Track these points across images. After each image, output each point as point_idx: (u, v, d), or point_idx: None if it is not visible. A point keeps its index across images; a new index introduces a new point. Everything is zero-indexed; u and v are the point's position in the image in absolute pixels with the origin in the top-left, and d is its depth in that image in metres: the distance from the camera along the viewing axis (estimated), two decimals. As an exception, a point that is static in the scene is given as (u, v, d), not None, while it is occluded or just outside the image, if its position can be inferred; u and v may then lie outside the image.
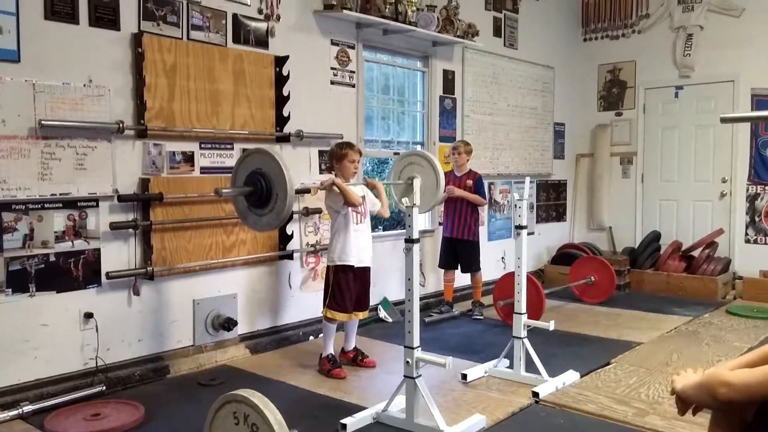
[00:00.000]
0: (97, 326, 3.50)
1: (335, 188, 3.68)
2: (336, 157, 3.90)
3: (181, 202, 3.89)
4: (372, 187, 3.94)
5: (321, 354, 3.91)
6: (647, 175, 7.25)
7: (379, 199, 3.96)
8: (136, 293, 3.71)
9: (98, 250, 3.53)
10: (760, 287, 6.04)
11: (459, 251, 5.36)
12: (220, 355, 4.11)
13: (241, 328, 4.27)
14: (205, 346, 4.08)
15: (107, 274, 3.54)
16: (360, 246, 3.87)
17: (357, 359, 4.02)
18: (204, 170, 4.04)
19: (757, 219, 6.50)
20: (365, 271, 3.95)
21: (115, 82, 3.59)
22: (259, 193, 2.85)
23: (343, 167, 3.88)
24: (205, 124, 4.00)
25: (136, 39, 3.65)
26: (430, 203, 3.68)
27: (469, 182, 5.28)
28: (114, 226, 3.56)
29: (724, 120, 2.44)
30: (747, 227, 6.57)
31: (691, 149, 6.92)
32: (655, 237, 6.90)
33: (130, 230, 3.67)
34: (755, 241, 6.52)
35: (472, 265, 5.40)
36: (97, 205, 3.52)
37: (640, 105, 7.24)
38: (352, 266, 3.85)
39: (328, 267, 3.93)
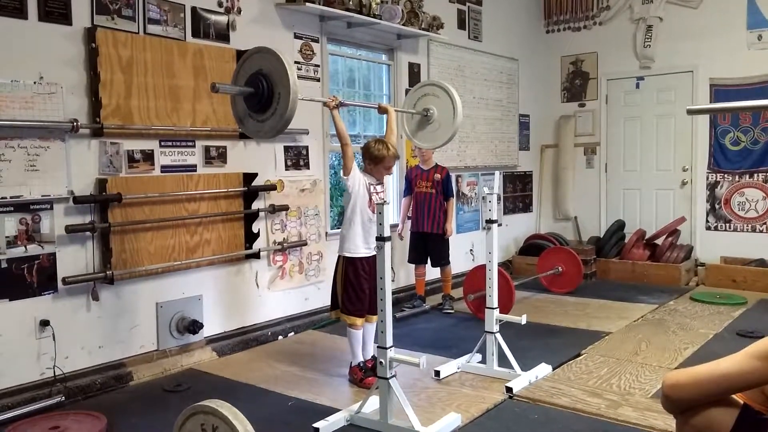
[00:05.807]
0: (54, 334, 3.35)
1: (336, 118, 3.40)
2: (372, 158, 3.56)
3: (142, 202, 3.74)
4: (383, 112, 3.77)
5: (351, 363, 3.65)
6: (610, 165, 7.33)
7: (388, 127, 3.70)
8: (95, 298, 3.56)
9: (53, 254, 3.38)
10: (722, 273, 6.17)
11: (428, 245, 5.32)
12: (186, 359, 3.99)
13: (207, 331, 4.15)
14: (170, 350, 3.95)
15: (64, 279, 3.39)
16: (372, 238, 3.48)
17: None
18: (165, 169, 3.90)
19: (717, 206, 6.63)
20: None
21: (68, 79, 3.42)
22: (260, 94, 2.74)
23: (376, 171, 3.59)
24: (164, 121, 3.86)
25: (90, 34, 3.49)
26: (447, 135, 3.70)
27: (437, 176, 5.24)
28: (70, 230, 3.40)
29: (690, 111, 2.44)
30: (708, 215, 6.69)
31: (653, 139, 7.02)
32: (619, 226, 6.99)
33: (88, 233, 3.51)
34: (716, 228, 6.64)
35: (441, 259, 5.36)
36: (52, 208, 3.36)
37: (603, 96, 7.30)
38: (364, 258, 3.53)
39: (339, 259, 3.62)
